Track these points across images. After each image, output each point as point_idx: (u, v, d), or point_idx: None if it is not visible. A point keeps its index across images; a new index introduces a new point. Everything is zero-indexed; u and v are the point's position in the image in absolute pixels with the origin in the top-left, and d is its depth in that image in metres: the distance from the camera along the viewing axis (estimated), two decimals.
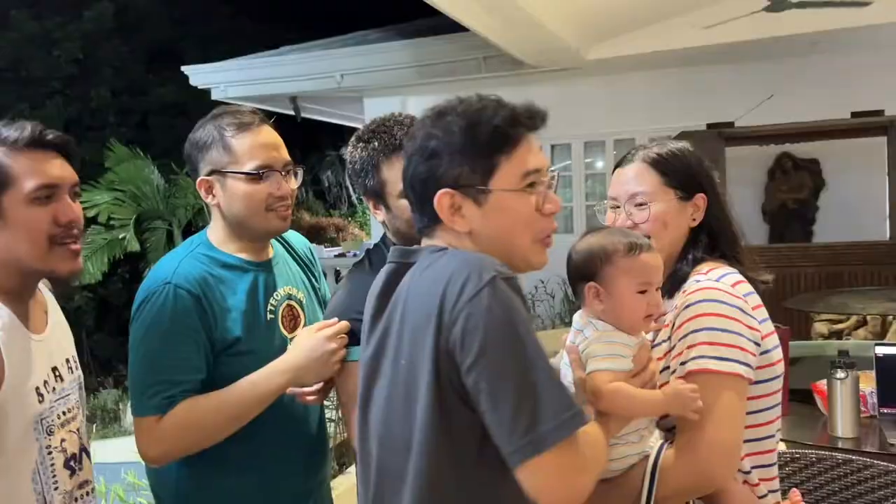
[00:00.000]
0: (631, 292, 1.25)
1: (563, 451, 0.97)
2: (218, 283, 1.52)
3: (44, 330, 1.35)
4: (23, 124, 1.30)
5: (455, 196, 1.11)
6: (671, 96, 7.37)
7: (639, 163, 1.47)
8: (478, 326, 0.99)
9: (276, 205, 1.56)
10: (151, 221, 7.86)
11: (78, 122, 13.76)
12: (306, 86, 7.88)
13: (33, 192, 1.26)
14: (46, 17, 13.60)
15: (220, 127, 1.56)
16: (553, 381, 1.00)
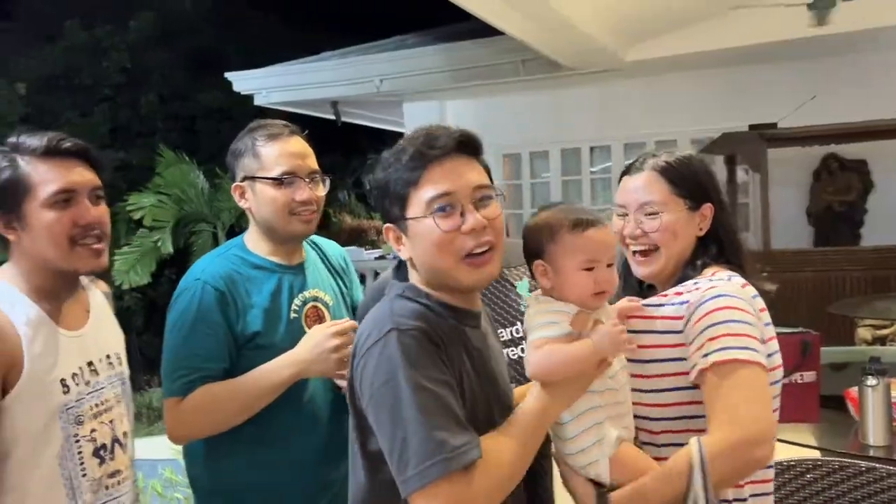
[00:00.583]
0: (575, 269, 1.26)
1: (439, 489, 1.07)
2: (245, 280, 1.65)
3: (80, 327, 1.44)
4: (42, 134, 1.39)
5: (395, 230, 1.25)
6: (712, 97, 7.28)
7: (649, 171, 1.48)
8: (367, 375, 1.15)
9: (298, 209, 1.67)
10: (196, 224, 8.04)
11: (128, 129, 14.15)
12: (346, 91, 7.98)
13: (51, 198, 1.35)
14: (97, 26, 14.02)
15: (253, 137, 1.71)
16: (422, 431, 1.08)
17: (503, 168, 8.54)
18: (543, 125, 8.09)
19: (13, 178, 1.36)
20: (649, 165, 1.48)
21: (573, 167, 8.36)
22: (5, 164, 1.37)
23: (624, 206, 1.50)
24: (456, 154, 1.21)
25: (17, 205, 1.36)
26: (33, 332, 1.33)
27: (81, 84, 14.09)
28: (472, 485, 1.08)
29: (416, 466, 1.07)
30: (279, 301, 1.67)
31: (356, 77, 7.79)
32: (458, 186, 1.20)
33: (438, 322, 1.20)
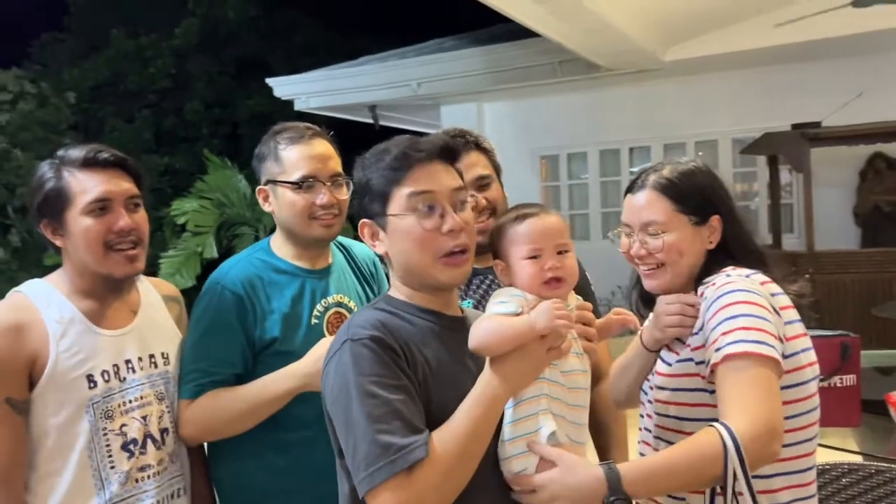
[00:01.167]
0: (518, 259, 1.31)
1: (385, 489, 1.12)
2: (266, 285, 1.63)
3: (123, 326, 1.51)
4: (83, 146, 1.50)
5: (372, 225, 1.29)
6: (753, 96, 7.17)
7: (649, 190, 1.45)
8: (326, 385, 1.23)
9: (318, 213, 1.65)
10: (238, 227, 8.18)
11: (172, 134, 14.47)
12: (384, 94, 8.05)
13: (88, 206, 1.44)
14: (142, 34, 14.37)
15: (276, 140, 1.69)
16: (369, 435, 1.13)
17: (541, 170, 8.52)
18: (581, 126, 8.05)
19: (56, 188, 1.46)
20: (650, 183, 1.45)
21: (612, 168, 8.30)
22: (51, 174, 1.47)
23: (628, 225, 1.48)
24: (437, 159, 1.28)
25: (60, 213, 1.46)
26: (63, 330, 1.42)
27: (127, 91, 14.45)
28: (417, 482, 1.12)
29: (365, 469, 1.13)
30: (300, 307, 1.65)
31: (394, 81, 7.85)
32: (440, 188, 1.26)
33: (402, 326, 1.24)
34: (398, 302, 1.29)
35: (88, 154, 1.47)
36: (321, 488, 1.60)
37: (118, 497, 1.44)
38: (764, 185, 7.38)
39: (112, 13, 14.99)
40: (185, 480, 1.59)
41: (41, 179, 1.48)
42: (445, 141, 1.30)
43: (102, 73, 14.34)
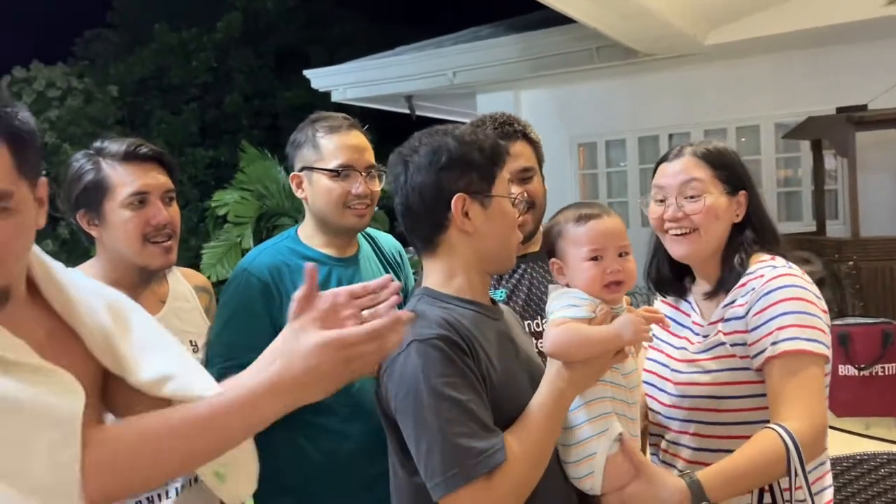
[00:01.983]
0: (579, 260, 1.29)
1: (463, 495, 1.12)
2: (293, 272, 1.65)
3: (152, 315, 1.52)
4: (122, 140, 1.53)
5: (466, 200, 1.27)
6: (796, 80, 7.00)
7: (689, 157, 1.49)
8: (391, 387, 1.21)
9: (353, 202, 1.68)
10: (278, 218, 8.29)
11: (215, 127, 14.71)
12: (420, 84, 8.06)
13: (127, 199, 1.49)
14: (184, 28, 14.60)
15: (314, 128, 1.73)
16: (445, 440, 1.12)
17: (579, 158, 8.46)
18: (620, 113, 7.96)
19: (96, 179, 1.49)
20: (689, 152, 1.50)
21: (651, 156, 8.19)
22: (90, 166, 1.51)
23: (663, 188, 1.50)
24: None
25: (98, 204, 1.50)
26: None
27: (171, 85, 14.71)
28: (496, 486, 1.13)
29: (441, 475, 1.13)
30: None
31: (430, 70, 7.85)
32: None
33: (461, 322, 1.23)
34: (444, 295, 1.28)
35: (129, 148, 1.51)
36: (351, 475, 1.64)
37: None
38: (808, 170, 7.22)
39: (154, 7, 15.26)
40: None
41: (80, 171, 1.51)
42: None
43: (147, 67, 14.62)
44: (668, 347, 1.54)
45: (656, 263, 1.59)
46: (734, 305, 1.43)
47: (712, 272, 1.49)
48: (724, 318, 1.44)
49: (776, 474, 1.29)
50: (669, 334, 1.55)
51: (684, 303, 1.58)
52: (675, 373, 1.49)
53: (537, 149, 1.77)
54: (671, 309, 1.60)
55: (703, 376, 1.43)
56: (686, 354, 1.49)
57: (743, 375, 1.39)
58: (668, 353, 1.54)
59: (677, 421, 1.48)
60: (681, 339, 1.53)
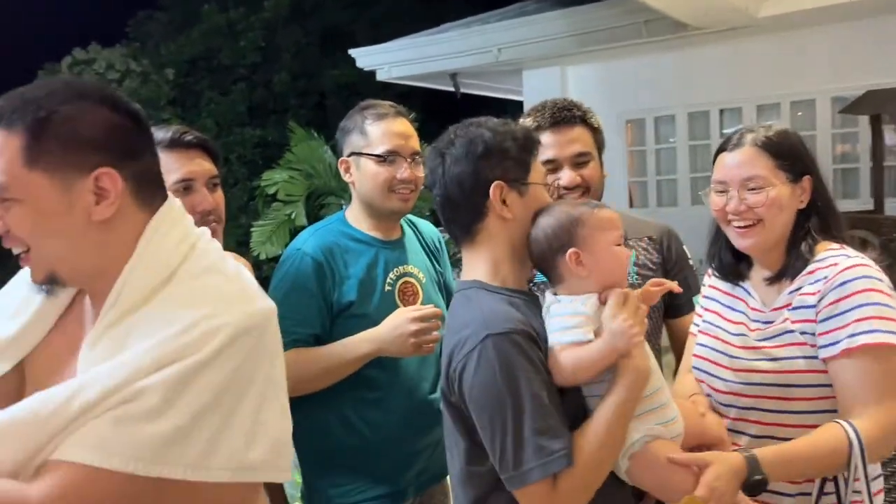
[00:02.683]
0: (609, 246, 1.30)
1: (534, 491, 1.18)
2: (343, 252, 1.74)
3: None
4: (169, 127, 1.56)
5: (504, 188, 1.31)
6: (855, 52, 6.76)
7: (749, 147, 1.47)
8: (466, 379, 1.23)
9: (398, 187, 1.76)
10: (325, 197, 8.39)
11: (263, 107, 14.90)
12: (465, 62, 8.02)
13: (173, 186, 1.51)
14: (231, 8, 14.77)
15: (363, 115, 1.81)
16: (520, 436, 1.17)
17: (626, 134, 8.34)
18: (669, 88, 7.81)
19: None
20: (749, 141, 1.48)
21: (701, 132, 8.03)
22: None
23: (725, 182, 1.49)
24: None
25: None
26: None
27: (220, 65, 14.93)
28: (560, 488, 1.18)
29: (515, 468, 1.18)
30: (375, 274, 1.75)
31: (475, 48, 7.80)
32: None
33: (523, 312, 1.27)
34: (497, 288, 1.31)
35: (175, 135, 1.54)
36: (396, 448, 1.70)
37: None
38: (865, 146, 6.99)
39: None
40: None
41: None
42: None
43: (196, 48, 14.86)
44: (724, 333, 1.53)
45: (719, 250, 1.59)
46: (802, 293, 1.41)
47: (776, 259, 1.48)
48: (792, 305, 1.42)
49: (834, 467, 1.31)
50: (724, 320, 1.54)
51: (738, 288, 1.57)
52: (733, 359, 1.48)
53: (596, 134, 1.80)
54: (722, 294, 1.59)
55: (769, 363, 1.42)
56: (746, 341, 1.48)
57: (814, 364, 1.38)
58: (724, 339, 1.52)
59: (735, 408, 1.48)
60: (737, 325, 1.52)
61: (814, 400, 1.39)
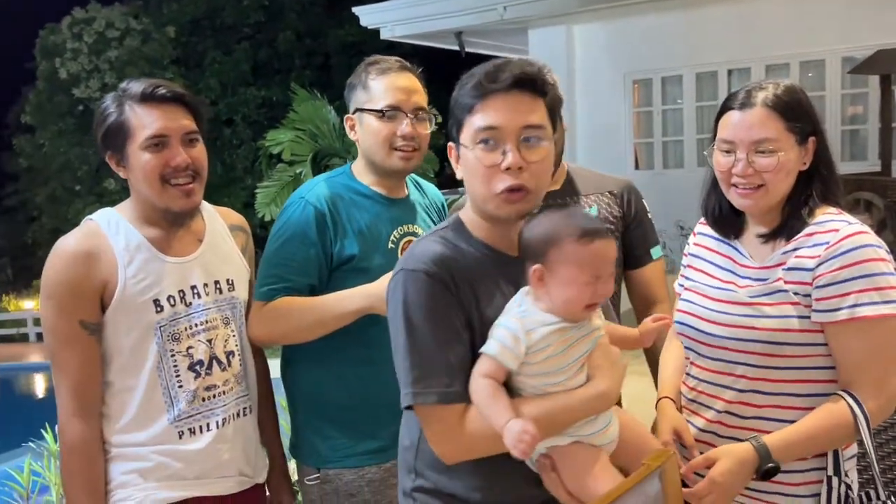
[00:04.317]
0: (574, 281, 1.19)
1: (425, 413, 1.25)
2: (348, 205, 1.71)
3: (188, 254, 1.58)
4: (144, 81, 1.52)
5: (453, 148, 1.33)
6: (865, 10, 6.64)
7: (761, 108, 1.41)
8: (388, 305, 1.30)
9: (398, 143, 1.70)
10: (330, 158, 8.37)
11: (267, 66, 14.76)
12: (470, 20, 7.90)
13: (146, 141, 1.48)
14: None
15: (366, 71, 1.76)
16: (405, 363, 1.25)
17: (633, 95, 8.25)
18: (676, 48, 7.70)
19: (118, 121, 1.50)
20: (761, 101, 1.41)
21: (709, 92, 7.94)
22: (113, 108, 1.51)
23: (732, 142, 1.43)
24: (517, 91, 1.25)
25: (122, 146, 1.51)
26: (130, 257, 1.50)
27: (224, 24, 14.77)
28: (459, 422, 1.23)
29: (403, 388, 1.27)
30: (378, 229, 1.72)
31: (479, 5, 7.67)
32: (506, 123, 1.24)
33: (459, 262, 1.27)
34: (464, 230, 1.32)
35: (147, 89, 1.49)
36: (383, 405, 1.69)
37: (186, 414, 1.53)
38: (874, 107, 6.91)
39: None
40: (252, 400, 1.67)
41: (105, 112, 1.52)
42: (525, 72, 1.25)
43: (199, 7, 14.68)
44: (711, 290, 1.52)
45: (717, 202, 1.53)
46: (799, 255, 1.40)
47: (772, 218, 1.46)
48: (787, 265, 1.41)
49: (841, 441, 1.36)
50: (711, 277, 1.53)
51: (726, 245, 1.55)
52: (721, 314, 1.48)
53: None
54: (709, 252, 1.58)
55: (761, 321, 1.41)
56: (736, 296, 1.47)
57: (806, 324, 1.38)
58: (711, 297, 1.51)
59: (721, 362, 1.48)
60: (726, 283, 1.50)
61: (803, 357, 1.40)
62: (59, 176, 13.79)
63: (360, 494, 1.71)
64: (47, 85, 13.78)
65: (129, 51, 13.43)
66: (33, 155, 14.27)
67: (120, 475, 1.51)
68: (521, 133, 1.24)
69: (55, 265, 1.48)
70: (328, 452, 1.73)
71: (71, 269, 1.47)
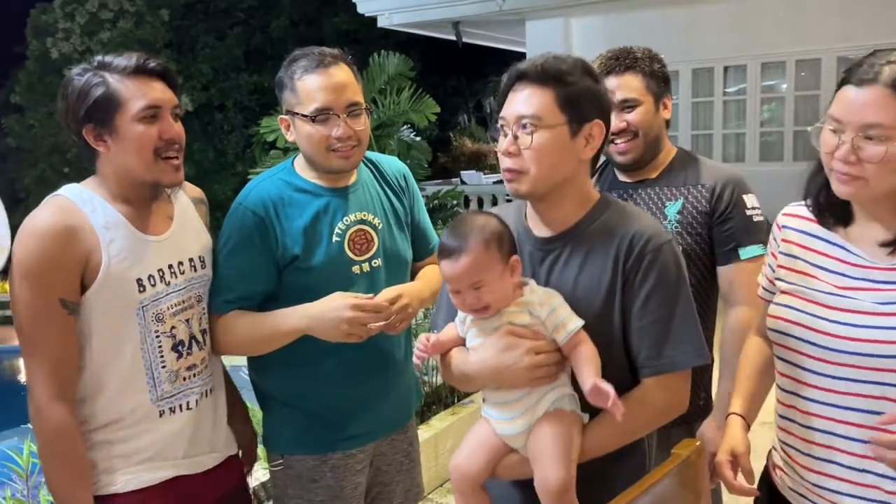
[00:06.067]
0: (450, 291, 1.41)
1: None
2: (287, 205, 1.67)
3: (163, 233, 1.56)
4: (130, 54, 1.50)
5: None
6: (862, 9, 6.68)
7: (882, 88, 1.18)
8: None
9: (336, 146, 1.63)
10: None
11: (260, 52, 14.65)
12: (468, 10, 7.88)
13: (140, 112, 1.46)
14: None
15: (292, 70, 1.67)
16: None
17: None
18: (673, 43, 7.67)
19: (106, 94, 1.46)
20: (884, 80, 1.19)
21: (705, 88, 7.95)
22: (97, 80, 1.46)
23: (840, 122, 1.22)
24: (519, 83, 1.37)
25: (109, 118, 1.46)
26: (111, 235, 1.46)
27: (217, 8, 14.64)
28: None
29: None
30: (321, 225, 1.67)
31: None
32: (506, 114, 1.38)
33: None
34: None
35: (139, 62, 1.48)
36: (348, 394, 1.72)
37: (168, 394, 1.52)
38: None
39: None
40: (216, 378, 1.68)
41: (87, 86, 1.47)
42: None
43: None
44: (819, 295, 1.33)
45: (821, 184, 1.33)
46: None
47: (888, 209, 1.27)
48: None
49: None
50: (815, 280, 1.34)
51: (830, 245, 1.36)
52: (841, 326, 1.28)
53: (648, 79, 1.87)
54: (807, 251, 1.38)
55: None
56: (859, 304, 1.27)
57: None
58: (819, 302, 1.32)
59: (847, 381, 1.27)
60: (839, 289, 1.31)
61: None
62: (48, 158, 13.66)
63: (322, 480, 1.72)
64: (38, 65, 13.64)
65: (122, 33, 13.31)
66: (22, 135, 14.13)
67: (101, 461, 1.49)
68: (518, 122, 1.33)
69: (30, 244, 1.42)
70: (291, 439, 1.74)
71: (49, 245, 1.41)
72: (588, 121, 1.32)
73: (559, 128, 1.31)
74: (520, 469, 1.31)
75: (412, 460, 1.89)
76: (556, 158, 1.32)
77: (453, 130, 16.10)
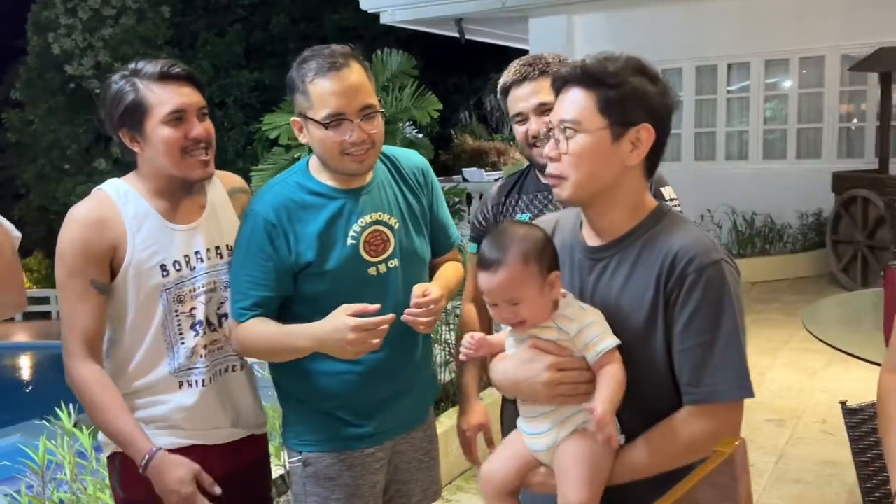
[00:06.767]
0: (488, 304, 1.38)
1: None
2: (300, 209, 1.65)
3: (192, 222, 1.69)
4: (157, 61, 1.65)
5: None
6: (866, 7, 6.65)
7: None
8: None
9: (350, 150, 1.61)
10: None
11: (262, 50, 14.64)
12: (470, 7, 7.86)
13: (167, 116, 1.59)
14: None
15: (302, 72, 1.63)
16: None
17: None
18: (677, 40, 7.68)
19: (136, 100, 1.60)
20: None
21: (708, 86, 7.94)
22: (128, 88, 1.61)
23: None
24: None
25: (139, 123, 1.61)
26: (138, 224, 1.64)
27: (217, 5, 14.62)
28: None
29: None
30: (335, 228, 1.66)
31: None
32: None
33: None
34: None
35: (164, 69, 1.61)
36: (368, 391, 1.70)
37: (183, 367, 1.67)
38: (873, 105, 6.91)
39: None
40: (242, 359, 1.77)
41: (120, 93, 1.62)
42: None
43: None
44: None
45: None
46: None
47: None
48: None
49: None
50: None
51: None
52: None
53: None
54: None
55: None
56: None
57: None
58: None
59: None
60: None
61: None
62: (47, 154, 13.64)
63: (339, 478, 1.72)
64: (39, 61, 13.62)
65: (123, 29, 13.29)
66: (22, 130, 14.10)
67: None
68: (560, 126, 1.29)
69: (68, 231, 1.62)
70: (309, 437, 1.75)
71: (82, 234, 1.60)
72: (633, 124, 1.26)
73: (599, 132, 1.26)
74: (548, 482, 1.29)
75: (432, 458, 1.89)
76: (595, 164, 1.27)
77: (454, 128, 16.08)
